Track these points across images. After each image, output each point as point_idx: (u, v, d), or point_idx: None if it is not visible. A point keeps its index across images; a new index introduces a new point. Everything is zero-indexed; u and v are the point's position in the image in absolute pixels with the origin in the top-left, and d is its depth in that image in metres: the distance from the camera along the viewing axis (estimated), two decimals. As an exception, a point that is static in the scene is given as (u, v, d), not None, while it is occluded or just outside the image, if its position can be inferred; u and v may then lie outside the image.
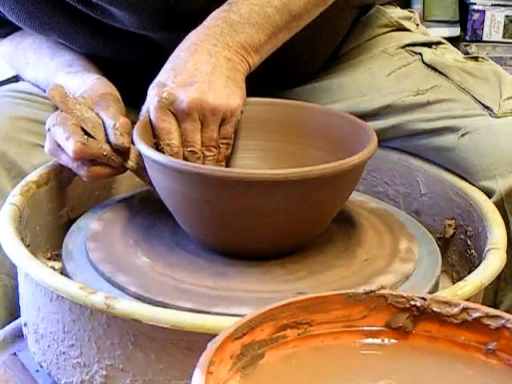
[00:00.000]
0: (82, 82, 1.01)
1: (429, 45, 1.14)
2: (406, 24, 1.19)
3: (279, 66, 1.04)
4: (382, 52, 1.14)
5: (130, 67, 1.06)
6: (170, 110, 0.90)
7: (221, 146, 0.92)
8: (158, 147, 0.90)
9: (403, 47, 1.14)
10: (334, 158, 0.91)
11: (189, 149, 0.90)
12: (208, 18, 0.95)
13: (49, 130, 0.93)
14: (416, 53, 1.12)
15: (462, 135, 1.00)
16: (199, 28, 0.94)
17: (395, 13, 1.20)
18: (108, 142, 0.91)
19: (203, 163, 0.91)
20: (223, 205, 0.81)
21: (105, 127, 0.92)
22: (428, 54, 1.11)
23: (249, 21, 0.93)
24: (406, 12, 1.22)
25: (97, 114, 0.93)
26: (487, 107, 1.01)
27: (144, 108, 0.93)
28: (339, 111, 0.98)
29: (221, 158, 0.93)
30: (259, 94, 0.99)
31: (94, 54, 1.08)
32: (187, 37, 0.94)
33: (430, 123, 1.02)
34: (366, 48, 1.16)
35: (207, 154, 0.91)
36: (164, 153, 0.89)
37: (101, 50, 1.07)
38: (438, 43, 1.16)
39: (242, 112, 0.93)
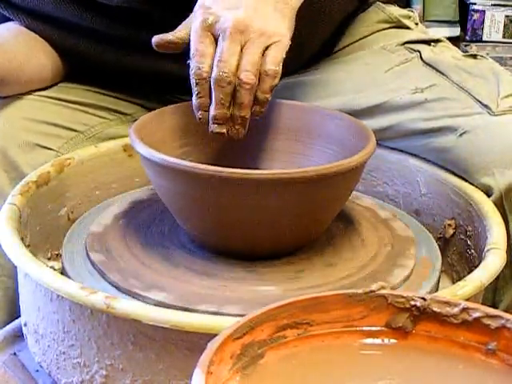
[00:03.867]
0: None
1: (428, 42, 1.14)
2: (406, 22, 1.19)
3: None
4: (381, 48, 1.14)
5: (128, 56, 1.05)
6: (211, 34, 0.83)
7: (267, 73, 0.81)
8: (164, 139, 0.90)
9: (402, 44, 1.14)
10: (333, 158, 0.91)
11: (221, 71, 0.80)
12: None
13: None
14: (415, 50, 1.12)
15: (461, 134, 1.00)
16: None
17: (395, 11, 1.20)
18: None
19: (237, 92, 0.81)
20: (223, 205, 0.81)
21: None
22: (427, 51, 1.11)
23: None
24: (405, 11, 1.22)
25: None
26: (485, 105, 1.01)
27: (181, 25, 0.87)
28: (337, 112, 0.98)
29: (265, 87, 0.81)
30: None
31: (82, 36, 1.08)
32: None
33: (428, 122, 1.02)
34: (365, 43, 1.16)
35: (244, 80, 0.80)
36: (193, 76, 0.82)
37: (88, 28, 1.06)
38: (437, 41, 1.16)
39: (289, 47, 0.83)
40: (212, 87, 0.81)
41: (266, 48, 0.81)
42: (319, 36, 1.14)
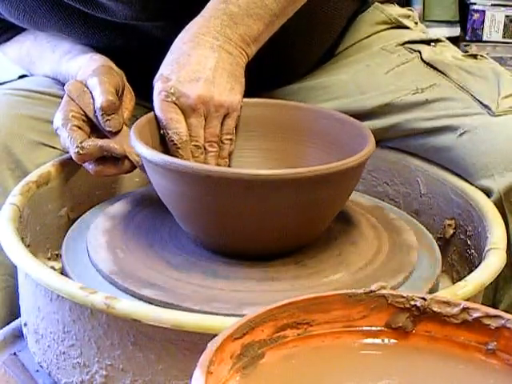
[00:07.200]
0: (80, 64, 1.03)
1: (427, 42, 1.15)
2: (405, 22, 1.20)
3: (276, 59, 1.04)
4: (381, 49, 1.14)
5: (126, 59, 1.06)
6: (176, 105, 0.92)
7: (224, 141, 0.95)
8: (164, 138, 0.92)
9: (402, 44, 1.14)
10: (332, 158, 0.91)
11: (193, 143, 0.92)
12: (206, 9, 0.96)
13: (56, 131, 0.95)
14: (415, 50, 1.12)
15: (461, 134, 1.00)
16: (199, 19, 0.95)
17: (394, 10, 1.20)
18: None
19: (205, 159, 0.93)
20: (222, 205, 0.81)
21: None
22: (427, 51, 1.11)
23: (247, 12, 0.95)
24: (404, 10, 1.22)
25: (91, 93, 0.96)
26: (485, 106, 1.01)
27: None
28: (336, 112, 0.98)
29: (224, 154, 0.95)
30: (257, 91, 0.99)
31: (91, 46, 1.09)
32: (187, 27, 0.95)
33: (429, 122, 1.03)
34: (365, 45, 1.16)
35: (209, 149, 0.93)
36: (173, 142, 0.91)
37: (97, 43, 1.08)
38: (437, 41, 1.16)
39: (241, 107, 0.95)
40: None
41: (223, 118, 0.94)
42: (319, 47, 1.15)
